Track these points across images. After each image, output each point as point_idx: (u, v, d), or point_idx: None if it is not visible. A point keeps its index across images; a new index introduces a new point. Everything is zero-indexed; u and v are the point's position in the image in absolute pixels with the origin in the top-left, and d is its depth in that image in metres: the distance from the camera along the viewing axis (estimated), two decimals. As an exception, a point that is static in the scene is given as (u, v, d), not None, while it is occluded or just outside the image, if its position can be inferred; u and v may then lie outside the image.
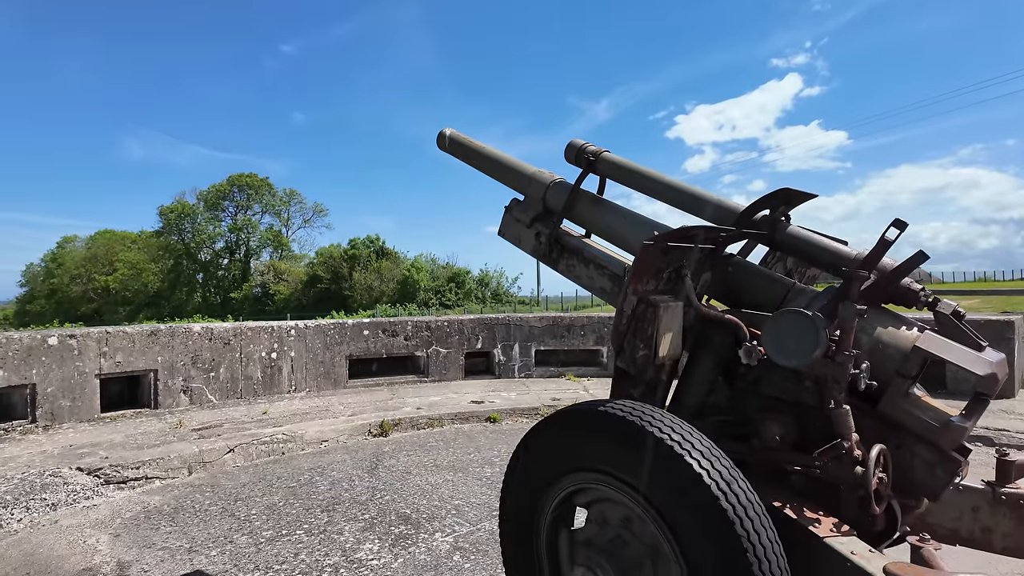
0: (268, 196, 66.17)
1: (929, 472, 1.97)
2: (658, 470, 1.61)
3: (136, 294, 63.22)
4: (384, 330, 9.05)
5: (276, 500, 4.70)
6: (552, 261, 3.04)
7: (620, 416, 1.74)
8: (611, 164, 2.91)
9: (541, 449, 1.95)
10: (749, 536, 1.48)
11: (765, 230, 2.38)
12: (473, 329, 9.49)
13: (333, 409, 7.34)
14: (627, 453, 1.70)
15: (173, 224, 64.25)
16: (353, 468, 5.49)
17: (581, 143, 3.05)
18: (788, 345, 1.84)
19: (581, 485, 1.86)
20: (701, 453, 1.59)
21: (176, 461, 5.40)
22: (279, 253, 65.27)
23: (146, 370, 7.10)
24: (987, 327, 7.71)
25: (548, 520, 1.95)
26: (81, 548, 3.89)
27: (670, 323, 2.08)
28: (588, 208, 2.95)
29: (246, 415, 7.00)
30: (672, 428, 1.66)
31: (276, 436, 6.07)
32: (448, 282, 38.25)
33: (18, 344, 6.18)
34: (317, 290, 48.19)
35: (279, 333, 8.17)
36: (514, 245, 3.24)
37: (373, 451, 6.06)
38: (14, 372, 6.12)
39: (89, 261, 66.45)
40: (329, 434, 6.41)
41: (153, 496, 4.85)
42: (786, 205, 2.41)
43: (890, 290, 2.08)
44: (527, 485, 1.98)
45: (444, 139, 3.70)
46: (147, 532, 4.13)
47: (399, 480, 5.14)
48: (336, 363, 8.63)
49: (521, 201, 3.23)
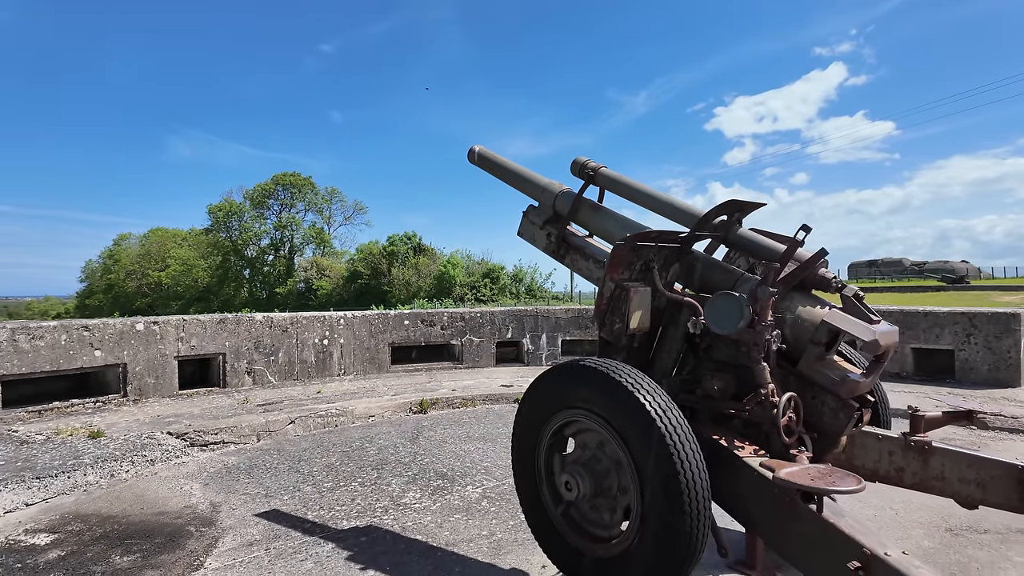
0: (311, 194, 68.21)
1: (834, 416, 2.60)
2: (618, 403, 2.30)
3: (187, 289, 65.99)
4: (423, 320, 9.86)
5: (333, 460, 5.52)
6: (560, 257, 3.74)
7: (595, 368, 2.42)
8: (607, 178, 3.59)
9: (540, 394, 2.65)
10: (675, 445, 2.15)
11: (720, 232, 3.02)
12: (504, 320, 10.23)
13: (378, 390, 8.17)
14: (599, 393, 2.39)
15: (221, 222, 66.81)
16: (397, 438, 6.29)
17: (584, 160, 3.73)
18: (721, 318, 2.51)
19: (569, 419, 2.55)
20: (647, 392, 2.27)
21: (247, 429, 6.28)
22: (321, 250, 67.23)
23: (216, 353, 8.06)
24: (994, 319, 8.07)
25: (546, 446, 2.65)
26: (179, 492, 4.77)
27: (639, 303, 2.75)
28: (589, 214, 3.63)
29: (302, 394, 7.89)
30: (629, 375, 2.34)
31: (330, 411, 6.92)
32: (483, 278, 39.03)
33: (112, 329, 7.18)
34: (358, 285, 49.66)
35: (330, 322, 9.06)
36: (530, 243, 3.94)
37: (414, 425, 6.86)
38: (109, 353, 7.12)
39: (143, 257, 69.63)
40: (375, 410, 7.23)
41: (230, 457, 5.73)
42: (740, 212, 3.04)
43: (806, 278, 2.70)
44: (530, 421, 2.69)
45: (474, 154, 4.42)
46: (230, 482, 4.99)
47: (436, 447, 5.91)
48: (380, 350, 9.48)
49: (535, 207, 3.93)
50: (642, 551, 2.21)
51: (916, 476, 2.89)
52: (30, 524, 4.11)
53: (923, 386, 8.14)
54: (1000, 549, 3.57)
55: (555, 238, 3.72)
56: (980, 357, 8.17)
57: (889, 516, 4.11)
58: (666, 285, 3.00)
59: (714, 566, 3.37)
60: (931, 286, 43.20)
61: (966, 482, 2.78)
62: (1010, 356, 7.95)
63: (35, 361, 6.57)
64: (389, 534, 3.89)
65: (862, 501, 4.34)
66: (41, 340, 6.62)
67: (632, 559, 2.24)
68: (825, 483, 2.02)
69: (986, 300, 27.08)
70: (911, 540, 3.72)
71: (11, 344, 6.40)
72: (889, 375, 8.87)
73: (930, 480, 2.86)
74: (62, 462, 5.07)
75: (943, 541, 3.70)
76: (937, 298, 31.03)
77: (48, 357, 6.66)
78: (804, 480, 2.05)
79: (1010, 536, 3.74)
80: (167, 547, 3.74)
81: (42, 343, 6.62)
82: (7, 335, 6.40)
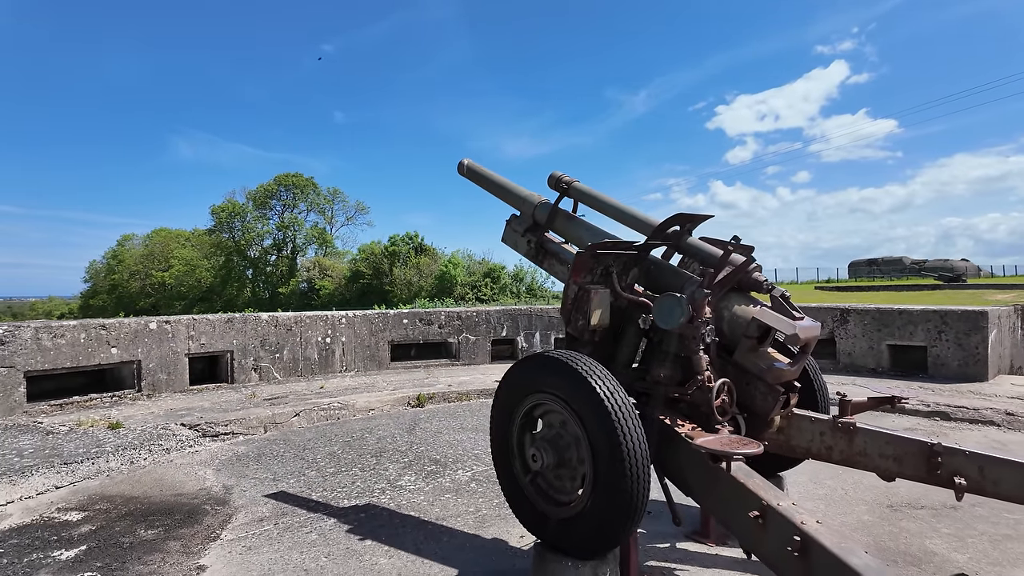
0: (313, 195, 68.73)
1: (763, 399, 3.02)
2: (576, 388, 2.72)
3: (190, 289, 66.52)
4: (421, 319, 10.30)
5: (335, 449, 5.95)
6: (539, 261, 4.16)
7: (558, 358, 2.85)
8: (578, 191, 4.02)
9: (514, 380, 3.07)
10: (619, 421, 2.57)
11: (672, 241, 3.45)
12: (499, 319, 10.66)
13: (378, 385, 8.61)
14: (561, 379, 2.81)
15: (224, 222, 67.36)
16: (395, 429, 6.73)
17: (559, 174, 4.16)
18: (665, 316, 2.93)
19: (537, 402, 2.97)
20: (598, 378, 2.69)
21: (254, 421, 6.73)
22: (324, 250, 67.74)
23: (224, 351, 8.50)
24: (963, 317, 8.48)
25: (518, 425, 3.07)
26: (194, 477, 5.21)
27: (599, 303, 3.18)
28: (563, 223, 4.06)
29: (306, 389, 8.33)
30: (585, 364, 2.76)
31: (332, 404, 7.36)
32: (484, 277, 39.47)
33: (127, 328, 7.62)
34: (360, 285, 50.13)
35: (332, 321, 9.50)
36: (512, 249, 4.37)
37: (411, 417, 7.29)
38: (124, 350, 7.57)
39: (146, 258, 70.18)
40: (375, 404, 7.67)
41: (239, 446, 6.17)
42: (690, 223, 3.46)
43: (743, 281, 3.12)
44: (505, 404, 3.11)
45: (463, 167, 4.85)
46: (240, 468, 5.43)
47: (432, 437, 6.35)
48: (380, 348, 9.92)
49: (517, 216, 4.36)
50: (594, 510, 2.63)
51: (843, 453, 3.31)
52: (61, 504, 4.55)
53: (897, 380, 8.55)
54: (931, 522, 4.00)
55: (534, 244, 4.14)
56: (951, 353, 8.58)
57: (839, 495, 4.54)
58: (626, 287, 3.43)
59: (672, 536, 3.80)
60: (927, 284, 43.53)
61: (885, 457, 3.20)
62: (978, 352, 8.37)
63: (56, 358, 7.01)
64: (385, 511, 4.32)
65: (817, 482, 4.77)
66: (62, 338, 7.07)
67: (587, 517, 2.67)
68: (730, 448, 2.44)
69: (979, 298, 27.44)
70: (854, 515, 4.15)
71: (35, 342, 6.84)
72: (867, 371, 9.30)
73: (855, 456, 3.28)
74: (86, 450, 5.51)
75: (882, 515, 4.13)
76: (932, 297, 31.37)
77: (69, 354, 7.10)
78: (714, 445, 2.47)
79: (942, 512, 4.17)
80: (186, 522, 4.18)
81: (63, 341, 7.07)
82: (31, 334, 6.85)
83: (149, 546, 3.79)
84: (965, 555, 3.52)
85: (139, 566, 3.52)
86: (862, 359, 9.37)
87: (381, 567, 3.46)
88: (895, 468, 3.19)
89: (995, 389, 7.88)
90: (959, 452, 3.06)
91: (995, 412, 6.83)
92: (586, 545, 2.70)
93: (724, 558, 3.49)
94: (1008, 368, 9.46)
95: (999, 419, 6.72)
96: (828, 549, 1.99)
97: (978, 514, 4.10)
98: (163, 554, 3.68)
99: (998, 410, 6.85)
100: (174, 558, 3.62)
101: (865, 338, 9.35)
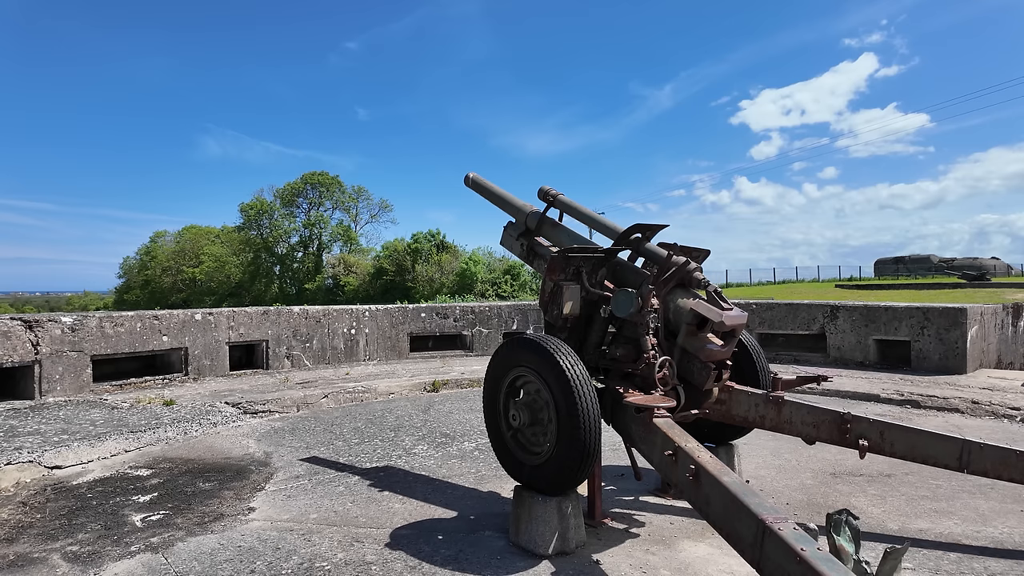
0: (338, 193, 70.37)
1: (699, 374, 3.74)
2: (545, 363, 3.47)
3: (220, 285, 68.57)
4: (438, 313, 11.13)
5: (359, 425, 6.79)
6: (529, 261, 4.92)
7: (534, 340, 3.61)
8: (562, 203, 4.77)
9: (501, 358, 3.84)
10: (577, 388, 3.31)
11: (634, 245, 4.18)
12: (510, 313, 11.44)
13: (398, 373, 9.46)
14: (536, 356, 3.56)
15: (252, 220, 69.30)
16: (412, 409, 7.55)
17: (547, 188, 4.91)
18: (620, 306, 3.68)
19: (518, 375, 3.73)
20: (563, 355, 3.43)
21: (288, 402, 7.61)
22: (348, 247, 69.30)
23: (260, 340, 9.42)
24: (944, 314, 9.03)
25: (504, 393, 3.84)
26: (239, 445, 6.08)
27: (570, 296, 3.93)
28: (549, 230, 4.82)
29: (333, 375, 9.21)
30: (554, 344, 3.51)
31: (357, 388, 8.22)
32: (504, 274, 40.32)
33: (176, 319, 8.57)
34: (383, 281, 51.41)
35: (356, 314, 10.38)
36: (509, 252, 5.14)
37: (427, 400, 8.12)
38: (174, 339, 8.52)
39: (178, 254, 72.47)
40: (395, 389, 8.51)
41: (276, 422, 7.04)
42: (650, 231, 4.19)
43: (687, 279, 3.84)
44: (494, 376, 3.88)
45: (468, 180, 5.62)
46: (278, 439, 6.29)
47: (444, 416, 7.16)
48: (400, 339, 10.77)
49: (513, 223, 5.13)
50: (557, 456, 3.38)
51: (772, 421, 4.01)
52: (132, 463, 5.45)
53: (881, 373, 9.12)
54: (862, 486, 4.67)
55: (526, 247, 4.91)
56: (932, 347, 9.14)
57: (792, 465, 5.22)
58: (596, 283, 4.17)
59: (637, 491, 4.55)
60: (949, 283, 43.19)
61: (806, 424, 3.90)
62: (957, 346, 8.91)
63: (117, 344, 7.98)
64: (401, 471, 5.14)
65: (776, 455, 5.46)
66: (121, 327, 8.03)
67: (552, 462, 3.42)
68: (651, 402, 3.18)
69: (996, 296, 27.47)
70: (798, 479, 4.84)
71: (99, 330, 7.81)
72: (854, 364, 9.88)
73: (782, 423, 3.98)
74: (147, 422, 6.43)
75: (823, 481, 4.81)
76: (952, 295, 31.38)
77: (127, 341, 8.07)
78: (639, 401, 3.22)
79: (877, 479, 4.83)
80: (236, 477, 5.03)
81: (122, 329, 8.03)
82: (96, 323, 7.82)
83: (208, 494, 4.65)
84: (881, 509, 4.19)
85: (202, 507, 4.37)
86: (850, 353, 9.94)
87: (395, 510, 4.26)
88: (814, 433, 3.89)
89: (970, 381, 8.42)
90: (864, 420, 3.76)
91: (962, 401, 7.40)
92: (552, 485, 3.46)
93: (676, 507, 4.22)
94: (994, 363, 9.96)
95: (964, 407, 7.30)
96: (708, 471, 2.73)
97: (908, 480, 4.76)
98: (220, 499, 4.53)
99: (964, 399, 7.42)
100: (229, 502, 4.47)
101: (853, 333, 9.92)
